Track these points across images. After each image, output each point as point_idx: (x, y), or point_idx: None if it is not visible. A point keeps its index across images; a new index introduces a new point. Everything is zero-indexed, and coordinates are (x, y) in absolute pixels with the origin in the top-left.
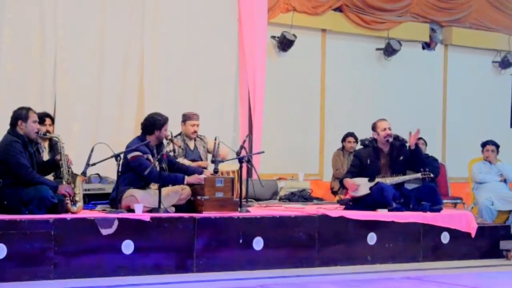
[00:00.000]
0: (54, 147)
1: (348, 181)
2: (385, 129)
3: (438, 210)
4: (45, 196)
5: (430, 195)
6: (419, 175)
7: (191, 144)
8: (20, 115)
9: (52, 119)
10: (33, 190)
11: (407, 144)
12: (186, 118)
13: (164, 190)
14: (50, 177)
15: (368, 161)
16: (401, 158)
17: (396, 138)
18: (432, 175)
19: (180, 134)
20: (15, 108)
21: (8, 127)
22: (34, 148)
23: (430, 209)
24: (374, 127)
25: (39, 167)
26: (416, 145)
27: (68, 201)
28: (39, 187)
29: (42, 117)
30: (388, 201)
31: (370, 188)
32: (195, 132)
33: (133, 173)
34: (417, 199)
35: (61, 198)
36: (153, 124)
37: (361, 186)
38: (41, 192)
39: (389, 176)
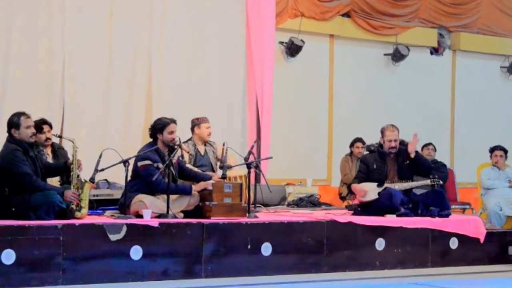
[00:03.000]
0: (57, 152)
1: (356, 187)
2: (390, 141)
3: (447, 216)
4: (54, 201)
5: (439, 200)
6: (428, 181)
7: (202, 150)
8: (11, 123)
9: (50, 125)
10: (41, 195)
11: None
12: (200, 121)
13: (173, 196)
14: (56, 183)
15: (375, 165)
16: (407, 162)
17: (402, 143)
18: (441, 182)
19: (190, 139)
20: None
21: None
22: (36, 151)
23: (438, 214)
24: (381, 132)
25: (47, 170)
26: (416, 152)
27: (73, 206)
28: (47, 193)
29: (40, 125)
30: (396, 206)
31: (379, 194)
32: (210, 134)
33: (142, 179)
34: (426, 205)
35: (68, 204)
36: (154, 129)
37: (370, 191)
38: (50, 197)
39: (396, 180)
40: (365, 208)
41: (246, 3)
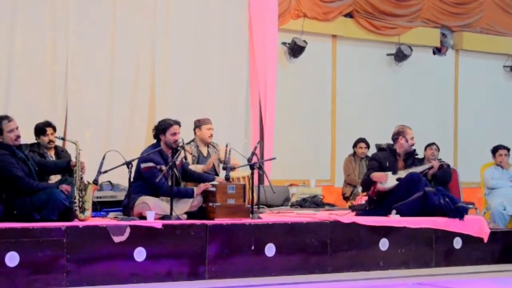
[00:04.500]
0: (60, 155)
1: (376, 174)
2: (412, 138)
3: (462, 209)
4: (58, 199)
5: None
6: (437, 162)
7: (204, 151)
8: None
9: (54, 128)
10: (44, 194)
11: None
12: (201, 123)
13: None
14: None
15: (387, 163)
16: (413, 167)
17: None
18: (448, 163)
19: (193, 140)
20: (27, 115)
21: (21, 134)
22: (27, 151)
23: (460, 208)
24: (401, 133)
25: (47, 168)
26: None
27: (77, 208)
28: (49, 191)
29: (43, 128)
30: (421, 185)
31: (398, 179)
32: (211, 135)
33: (145, 180)
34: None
35: (71, 203)
36: (157, 129)
37: (388, 178)
38: (54, 195)
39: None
40: (383, 197)
41: (248, 4)
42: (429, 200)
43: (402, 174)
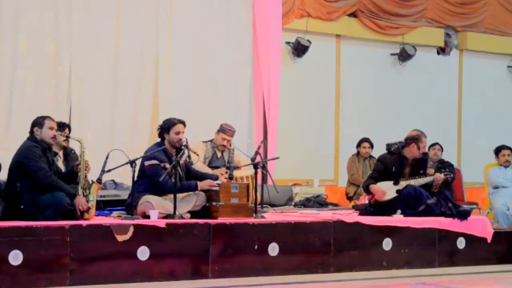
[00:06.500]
0: (68, 156)
1: (374, 188)
2: (425, 146)
3: (465, 212)
4: (62, 203)
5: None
6: (442, 175)
7: (218, 152)
8: (36, 122)
9: (70, 130)
10: (50, 196)
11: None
12: (221, 129)
13: (179, 196)
14: None
15: (394, 168)
16: (421, 172)
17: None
18: (452, 175)
19: (211, 140)
20: (30, 116)
21: (25, 134)
22: (53, 157)
23: (462, 211)
24: (416, 140)
25: (57, 176)
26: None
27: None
28: (56, 194)
29: (63, 126)
30: (423, 198)
31: (397, 191)
32: (224, 146)
33: (148, 179)
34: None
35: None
36: (161, 128)
37: (388, 190)
38: (59, 199)
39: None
40: (383, 206)
41: (252, 3)
42: (432, 213)
43: (403, 184)
